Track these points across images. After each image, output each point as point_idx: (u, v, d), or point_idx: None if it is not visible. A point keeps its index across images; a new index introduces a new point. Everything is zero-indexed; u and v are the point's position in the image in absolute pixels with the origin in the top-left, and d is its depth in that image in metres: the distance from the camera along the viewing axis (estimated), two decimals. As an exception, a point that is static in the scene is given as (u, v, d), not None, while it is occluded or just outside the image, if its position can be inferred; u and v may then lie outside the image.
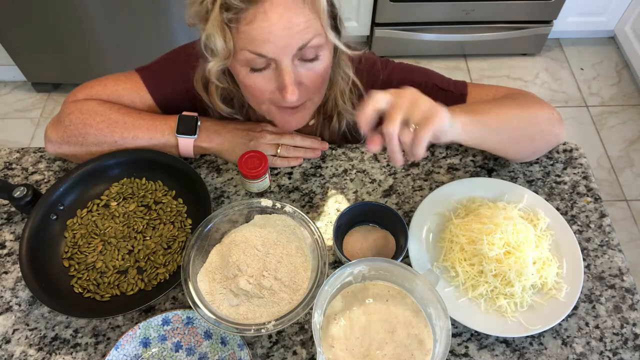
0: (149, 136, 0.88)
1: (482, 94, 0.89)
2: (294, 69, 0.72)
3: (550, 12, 2.16)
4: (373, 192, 0.90)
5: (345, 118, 0.92)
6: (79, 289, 0.78)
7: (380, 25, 2.20)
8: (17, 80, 2.26)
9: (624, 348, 0.74)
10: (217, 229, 0.78)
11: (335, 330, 0.67)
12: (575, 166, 0.93)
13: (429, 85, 0.90)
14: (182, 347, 0.74)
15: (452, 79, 0.93)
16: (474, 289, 0.76)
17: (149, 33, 1.90)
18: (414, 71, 0.93)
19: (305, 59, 0.72)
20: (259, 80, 0.74)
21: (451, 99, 0.89)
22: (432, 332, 0.67)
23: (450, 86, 0.91)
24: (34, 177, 0.93)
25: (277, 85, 0.73)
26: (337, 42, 0.73)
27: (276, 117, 0.82)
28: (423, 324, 0.68)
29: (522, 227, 0.77)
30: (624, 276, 0.80)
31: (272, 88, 0.74)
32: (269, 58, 0.70)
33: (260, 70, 0.73)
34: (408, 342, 0.66)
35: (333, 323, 0.67)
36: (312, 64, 0.73)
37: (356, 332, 0.67)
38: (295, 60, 0.72)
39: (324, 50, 0.73)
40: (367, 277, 0.70)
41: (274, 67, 0.72)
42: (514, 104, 0.81)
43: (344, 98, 0.88)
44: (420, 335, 0.67)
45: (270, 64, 0.72)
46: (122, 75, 0.92)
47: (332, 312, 0.68)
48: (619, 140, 2.12)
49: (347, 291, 0.70)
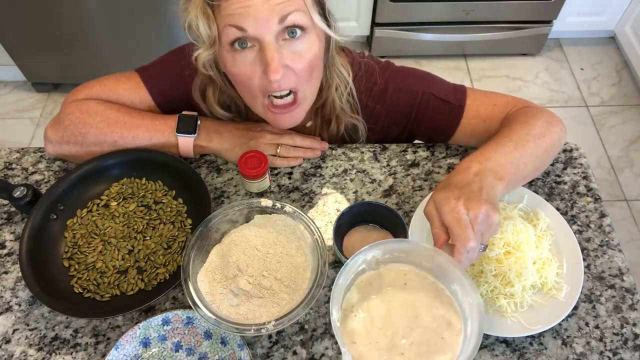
0: (149, 136, 0.88)
1: (481, 106, 0.88)
2: (277, 49, 0.71)
3: (550, 12, 2.17)
4: (373, 192, 0.90)
5: (344, 121, 0.92)
6: (79, 289, 0.78)
7: (380, 25, 2.19)
8: (17, 80, 2.26)
9: (624, 348, 0.74)
10: (217, 229, 0.78)
11: (354, 324, 0.63)
12: (575, 166, 0.93)
13: (425, 95, 0.89)
14: (182, 347, 0.74)
15: (451, 85, 0.92)
16: (474, 289, 0.76)
17: (149, 33, 1.90)
18: (411, 78, 0.91)
19: (289, 39, 0.71)
20: (244, 65, 0.73)
21: (449, 111, 0.89)
22: (459, 310, 0.63)
23: (449, 96, 0.89)
24: (34, 177, 0.93)
25: (262, 67, 0.72)
26: (324, 26, 0.73)
27: (269, 115, 0.80)
28: (448, 303, 0.64)
29: (522, 227, 0.77)
30: (624, 276, 0.80)
31: (259, 72, 0.73)
32: (251, 36, 0.70)
33: (244, 52, 0.72)
34: (435, 325, 0.62)
35: (351, 317, 0.63)
36: (298, 46, 0.72)
37: (377, 323, 0.63)
38: (279, 40, 0.71)
39: (310, 34, 0.73)
40: (380, 262, 0.66)
41: (258, 50, 0.71)
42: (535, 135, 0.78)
43: (342, 100, 0.87)
44: (447, 315, 0.63)
45: (254, 45, 0.71)
46: (121, 76, 0.92)
47: (348, 306, 0.64)
48: (619, 140, 2.12)
49: (361, 280, 0.66)
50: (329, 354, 0.73)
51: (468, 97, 0.89)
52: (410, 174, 0.92)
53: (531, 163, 0.78)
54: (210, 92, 0.86)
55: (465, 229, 0.62)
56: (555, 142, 0.82)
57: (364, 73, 0.90)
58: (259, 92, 0.76)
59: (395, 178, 0.92)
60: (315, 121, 0.94)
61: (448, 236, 0.65)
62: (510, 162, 0.74)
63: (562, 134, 0.84)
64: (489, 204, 0.65)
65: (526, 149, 0.77)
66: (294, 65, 0.73)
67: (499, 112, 0.87)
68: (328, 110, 0.90)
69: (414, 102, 0.90)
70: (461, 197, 0.65)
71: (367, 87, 0.90)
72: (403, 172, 0.92)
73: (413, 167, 0.93)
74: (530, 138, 0.78)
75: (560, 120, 0.84)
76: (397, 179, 0.91)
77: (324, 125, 0.95)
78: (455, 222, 0.63)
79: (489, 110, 0.88)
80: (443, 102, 0.89)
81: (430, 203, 0.69)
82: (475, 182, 0.68)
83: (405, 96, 0.90)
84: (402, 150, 0.95)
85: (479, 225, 0.63)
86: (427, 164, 0.93)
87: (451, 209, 0.64)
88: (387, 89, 0.90)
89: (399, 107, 0.92)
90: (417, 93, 0.89)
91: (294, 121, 0.82)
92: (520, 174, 0.76)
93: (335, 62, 0.83)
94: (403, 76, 0.91)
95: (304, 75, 0.75)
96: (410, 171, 0.93)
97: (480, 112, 0.88)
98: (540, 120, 0.81)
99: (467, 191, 0.66)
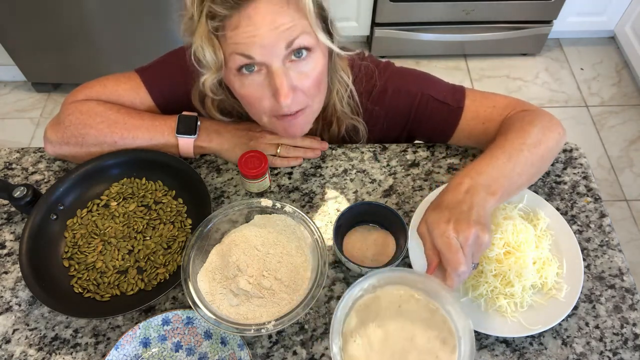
0: (149, 136, 0.88)
1: (480, 108, 0.88)
2: (285, 72, 0.71)
3: (550, 12, 2.17)
4: (373, 192, 0.90)
5: (345, 123, 0.92)
6: (79, 289, 0.78)
7: (380, 25, 2.20)
8: (17, 80, 2.26)
9: (624, 348, 0.74)
10: (217, 229, 0.78)
11: (353, 350, 0.66)
12: (575, 166, 0.93)
13: (424, 97, 0.89)
14: (182, 347, 0.74)
15: (450, 85, 0.92)
16: (474, 289, 0.76)
17: (149, 33, 1.90)
18: (410, 79, 0.91)
19: (296, 60, 0.72)
20: (253, 88, 0.73)
21: (447, 113, 0.89)
22: (453, 327, 0.66)
23: (447, 97, 0.89)
24: (34, 177, 0.93)
25: (271, 91, 0.73)
26: (328, 43, 0.73)
27: (278, 127, 0.81)
28: (442, 322, 0.66)
29: (522, 227, 0.77)
30: (624, 276, 0.80)
31: (268, 95, 0.73)
32: (258, 62, 0.70)
33: (252, 76, 0.72)
34: (430, 345, 0.65)
35: (350, 342, 0.66)
36: (304, 67, 0.73)
37: (375, 347, 0.66)
38: (286, 62, 0.71)
39: (316, 52, 0.73)
40: (377, 287, 0.69)
41: (266, 73, 0.72)
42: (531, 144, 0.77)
43: (342, 103, 0.88)
44: (441, 334, 0.65)
45: (262, 69, 0.71)
46: (121, 76, 0.92)
47: (347, 331, 0.67)
48: (619, 140, 2.12)
49: (359, 305, 0.69)
50: (329, 354, 0.73)
51: (467, 98, 0.89)
52: (410, 174, 0.92)
53: (526, 172, 0.77)
54: (209, 101, 0.86)
55: (456, 253, 0.64)
56: (552, 147, 0.81)
57: (364, 75, 0.90)
58: (269, 112, 0.77)
59: (395, 178, 0.92)
60: (317, 123, 0.94)
61: (439, 258, 0.66)
62: (504, 176, 0.73)
63: (560, 138, 0.83)
64: (479, 224, 0.65)
65: (520, 158, 0.76)
66: (302, 85, 0.74)
67: (497, 114, 0.87)
68: (329, 112, 0.90)
69: (413, 104, 0.90)
70: (451, 219, 0.66)
71: (367, 90, 0.90)
72: (403, 172, 0.92)
73: (413, 167, 0.93)
74: (525, 147, 0.77)
75: (559, 124, 0.84)
76: (397, 179, 0.91)
77: (324, 127, 0.95)
78: (446, 247, 0.64)
79: (488, 112, 0.88)
80: (441, 104, 0.89)
81: (422, 223, 0.70)
82: (465, 201, 0.68)
83: (404, 98, 0.90)
84: (402, 150, 0.95)
85: (469, 247, 0.64)
86: (427, 164, 0.94)
87: (441, 232, 0.65)
88: (387, 91, 0.90)
89: (398, 109, 0.92)
90: (415, 95, 0.89)
91: (304, 130, 0.82)
92: (514, 185, 0.76)
93: (337, 69, 0.83)
94: (402, 77, 0.91)
95: (312, 92, 0.76)
96: (410, 171, 0.93)
97: (479, 114, 0.88)
98: (537, 127, 0.80)
99: (456, 212, 0.67)
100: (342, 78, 0.85)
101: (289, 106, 0.73)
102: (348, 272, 0.81)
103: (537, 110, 0.86)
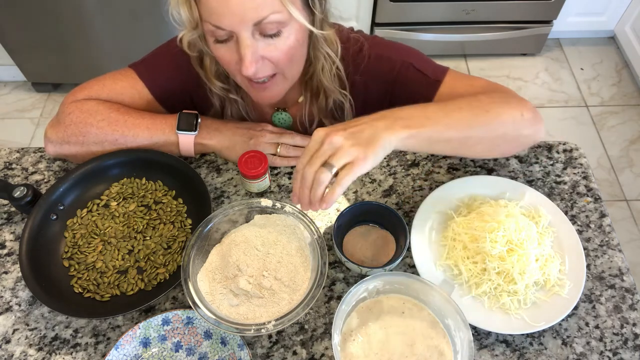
0: (149, 134, 0.88)
1: (457, 84, 0.86)
2: (253, 43, 0.72)
3: (550, 12, 2.16)
4: (373, 192, 0.90)
5: (332, 95, 0.91)
6: (79, 289, 0.78)
7: (380, 25, 2.19)
8: (17, 80, 2.26)
9: (624, 348, 0.74)
10: (217, 229, 0.78)
11: (353, 348, 0.66)
12: (575, 166, 0.93)
13: (405, 64, 0.88)
14: (182, 347, 0.74)
15: (434, 63, 0.90)
16: (478, 286, 0.76)
17: (149, 33, 1.89)
18: (394, 49, 0.91)
19: (266, 34, 0.72)
20: (223, 51, 0.75)
21: (425, 84, 0.87)
22: (451, 342, 0.67)
23: (427, 69, 0.88)
24: (34, 177, 0.93)
25: (237, 57, 0.74)
26: (302, 20, 0.73)
27: (250, 91, 0.83)
28: (441, 335, 0.67)
29: (524, 225, 0.77)
30: (624, 276, 0.80)
31: (235, 59, 0.75)
32: (228, 31, 0.71)
33: (223, 42, 0.74)
34: (428, 354, 0.66)
35: (350, 340, 0.67)
36: (274, 40, 0.73)
37: (375, 348, 0.66)
38: (255, 34, 0.72)
39: (289, 27, 0.73)
40: (381, 292, 0.70)
41: (235, 40, 0.73)
42: (477, 106, 0.74)
43: (327, 76, 0.87)
44: (440, 346, 0.66)
45: (232, 35, 0.72)
46: (117, 73, 0.92)
47: (348, 330, 0.67)
48: (619, 140, 2.12)
49: (362, 307, 0.69)
50: (329, 354, 0.73)
51: (447, 75, 0.87)
52: (410, 174, 0.92)
53: (458, 128, 0.71)
54: (208, 61, 0.87)
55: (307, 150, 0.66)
56: (505, 121, 0.74)
57: (352, 48, 0.89)
58: (239, 73, 0.78)
59: (395, 178, 0.92)
60: (306, 96, 0.94)
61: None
62: (427, 117, 0.69)
63: (520, 120, 0.76)
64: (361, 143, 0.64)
65: (455, 113, 0.72)
66: (271, 56, 0.75)
67: (473, 92, 0.82)
68: (315, 84, 0.90)
69: (394, 69, 0.89)
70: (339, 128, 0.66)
71: (357, 63, 0.90)
72: (403, 172, 0.92)
73: (413, 167, 0.93)
74: (466, 107, 0.73)
75: (530, 108, 0.77)
76: (397, 179, 0.91)
77: (313, 99, 0.94)
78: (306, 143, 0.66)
79: (464, 90, 0.84)
80: (421, 74, 0.88)
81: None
82: (366, 121, 0.67)
83: (386, 63, 0.89)
84: (402, 150, 0.95)
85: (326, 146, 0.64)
86: (427, 164, 0.93)
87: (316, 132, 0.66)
88: (370, 57, 0.90)
89: (380, 74, 0.90)
90: (396, 61, 0.89)
91: (271, 96, 0.83)
92: (438, 132, 0.70)
93: (320, 42, 0.82)
94: (387, 46, 0.91)
95: (282, 64, 0.77)
96: (410, 171, 0.92)
97: (456, 90, 0.85)
98: (493, 98, 0.76)
99: (350, 125, 0.66)
100: (328, 54, 0.84)
101: (254, 74, 0.75)
102: (348, 272, 0.81)
103: (511, 92, 0.81)
